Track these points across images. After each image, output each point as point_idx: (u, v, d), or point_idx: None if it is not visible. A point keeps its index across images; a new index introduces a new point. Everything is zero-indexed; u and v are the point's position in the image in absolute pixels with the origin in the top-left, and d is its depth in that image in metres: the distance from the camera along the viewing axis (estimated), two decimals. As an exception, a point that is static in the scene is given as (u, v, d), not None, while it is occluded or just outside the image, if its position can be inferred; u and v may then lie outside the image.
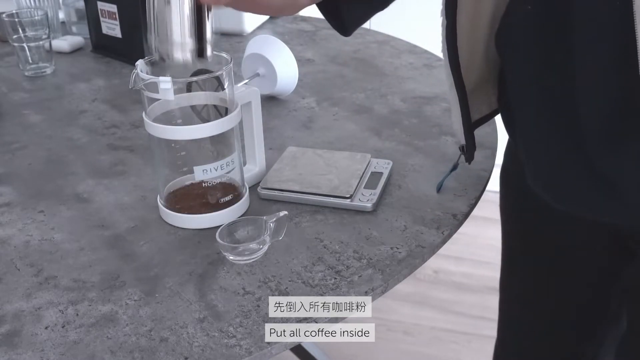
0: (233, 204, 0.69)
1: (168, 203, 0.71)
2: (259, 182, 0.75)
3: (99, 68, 1.20)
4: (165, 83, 0.62)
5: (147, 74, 0.64)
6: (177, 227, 0.69)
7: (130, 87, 0.64)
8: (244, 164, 0.76)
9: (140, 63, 0.65)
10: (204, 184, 0.69)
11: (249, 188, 0.73)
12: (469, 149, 0.71)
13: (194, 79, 0.66)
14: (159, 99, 0.66)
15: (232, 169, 0.69)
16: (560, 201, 0.63)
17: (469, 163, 0.73)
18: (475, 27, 0.64)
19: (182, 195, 0.72)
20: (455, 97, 0.68)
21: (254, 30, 1.37)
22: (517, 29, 0.60)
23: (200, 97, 0.69)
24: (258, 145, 0.76)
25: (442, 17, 0.63)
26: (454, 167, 0.75)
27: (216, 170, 0.67)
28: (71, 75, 1.16)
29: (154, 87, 0.63)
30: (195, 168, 0.67)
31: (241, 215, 0.70)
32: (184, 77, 0.66)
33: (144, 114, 0.67)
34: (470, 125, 0.70)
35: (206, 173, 0.67)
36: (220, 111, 0.68)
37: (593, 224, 0.68)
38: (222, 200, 0.69)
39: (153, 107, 0.67)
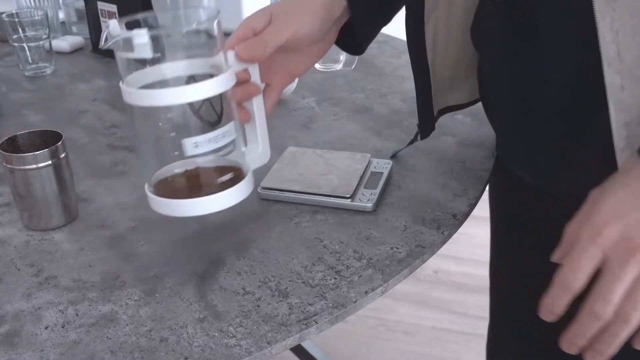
0: (234, 184, 0.58)
1: (158, 190, 0.60)
2: (263, 166, 0.68)
3: (99, 68, 1.20)
4: (140, 37, 0.51)
5: None
6: (176, 223, 0.68)
7: (100, 47, 0.56)
8: (245, 144, 0.66)
9: (112, 23, 0.54)
10: (198, 168, 0.58)
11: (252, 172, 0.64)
12: (423, 128, 0.77)
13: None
14: (139, 65, 0.54)
15: (230, 143, 0.57)
16: (532, 175, 0.66)
17: (421, 139, 0.78)
18: (451, 23, 0.70)
19: (174, 182, 0.61)
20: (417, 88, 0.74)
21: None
22: (488, 21, 0.65)
23: (188, 66, 0.57)
24: (260, 121, 0.66)
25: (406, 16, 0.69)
26: (411, 142, 0.80)
27: (209, 143, 0.55)
28: (71, 75, 1.16)
29: (130, 47, 0.52)
30: (184, 142, 0.55)
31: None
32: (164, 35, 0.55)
33: (120, 82, 0.56)
34: (429, 113, 0.76)
35: (198, 147, 0.55)
36: (216, 109, 0.64)
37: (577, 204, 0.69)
38: (220, 181, 0.58)
39: (134, 77, 0.55)
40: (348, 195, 0.71)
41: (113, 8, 1.18)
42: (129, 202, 0.75)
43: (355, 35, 0.72)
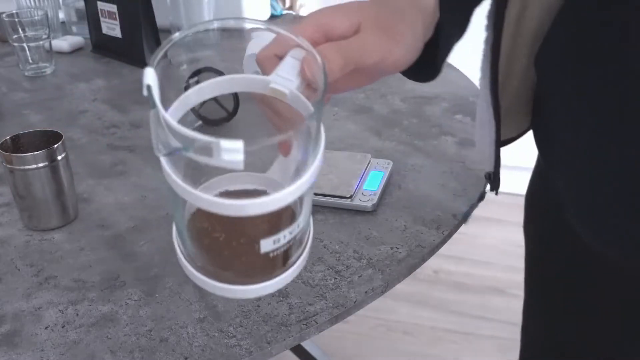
0: (299, 259, 0.44)
1: (207, 263, 0.45)
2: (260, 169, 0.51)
3: (99, 68, 1.20)
4: (234, 153, 0.33)
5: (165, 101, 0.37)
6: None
7: (157, 152, 0.36)
8: None
9: (150, 77, 0.36)
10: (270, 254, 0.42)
11: None
12: (496, 176, 0.63)
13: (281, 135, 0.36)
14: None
15: (306, 224, 0.43)
16: (616, 250, 0.54)
17: (496, 193, 0.65)
18: (516, 45, 0.58)
19: (226, 260, 0.45)
20: (490, 119, 0.59)
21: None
22: (559, 50, 0.54)
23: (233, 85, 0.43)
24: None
25: (486, 33, 0.55)
26: (481, 197, 0.69)
27: (291, 234, 0.42)
28: (71, 75, 1.16)
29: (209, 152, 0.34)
30: (262, 243, 0.40)
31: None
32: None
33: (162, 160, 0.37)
34: (499, 155, 0.62)
35: (277, 242, 0.41)
36: (225, 106, 0.53)
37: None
38: (288, 262, 0.44)
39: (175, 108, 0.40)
40: (348, 195, 0.71)
41: (113, 8, 1.18)
42: (129, 202, 0.75)
43: (436, 52, 0.54)
